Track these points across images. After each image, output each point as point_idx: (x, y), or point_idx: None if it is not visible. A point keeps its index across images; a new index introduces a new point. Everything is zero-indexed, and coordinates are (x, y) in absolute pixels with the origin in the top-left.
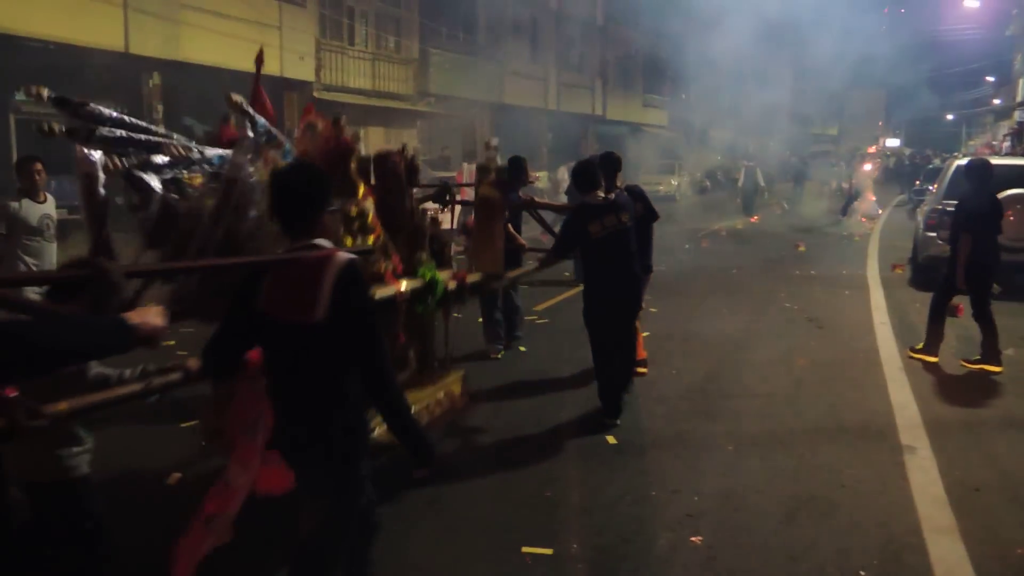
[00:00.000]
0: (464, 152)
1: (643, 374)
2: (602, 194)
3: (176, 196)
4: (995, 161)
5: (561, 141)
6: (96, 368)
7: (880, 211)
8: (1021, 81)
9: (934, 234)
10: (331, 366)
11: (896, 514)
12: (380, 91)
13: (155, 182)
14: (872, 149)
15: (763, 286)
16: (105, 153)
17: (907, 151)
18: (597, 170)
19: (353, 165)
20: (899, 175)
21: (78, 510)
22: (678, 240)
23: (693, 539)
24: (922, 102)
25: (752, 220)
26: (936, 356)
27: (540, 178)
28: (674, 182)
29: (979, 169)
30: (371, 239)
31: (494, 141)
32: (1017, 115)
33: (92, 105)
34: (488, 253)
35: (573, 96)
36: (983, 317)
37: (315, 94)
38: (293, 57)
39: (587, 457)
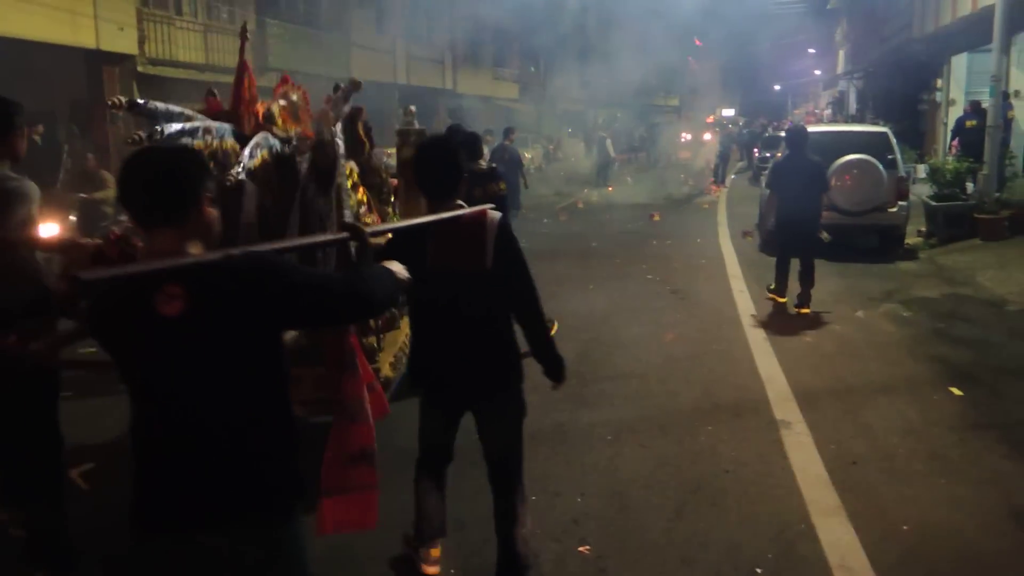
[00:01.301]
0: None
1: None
2: (484, 163)
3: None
4: (830, 128)
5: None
6: None
7: (720, 179)
8: (841, 52)
9: None
10: (499, 306)
11: (782, 498)
12: (214, 65)
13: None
14: (710, 119)
15: (624, 258)
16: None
17: (741, 120)
18: (480, 141)
19: (360, 125)
20: (738, 143)
21: None
22: (536, 213)
23: (581, 549)
24: (754, 74)
25: (608, 190)
26: (784, 297)
27: (391, 154)
28: (527, 155)
29: (795, 135)
30: (360, 195)
31: (412, 107)
32: (840, 85)
33: (149, 103)
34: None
35: (423, 69)
36: (804, 262)
37: (139, 68)
38: (111, 28)
39: (455, 459)
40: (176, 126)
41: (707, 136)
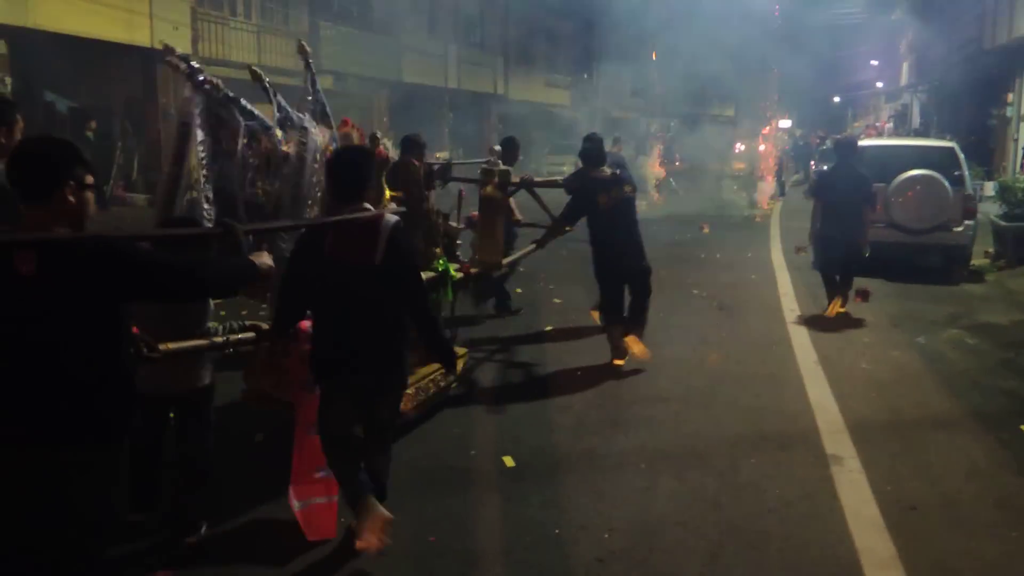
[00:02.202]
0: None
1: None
2: (607, 170)
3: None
4: (893, 142)
5: (462, 120)
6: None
7: (782, 191)
8: (905, 64)
9: None
10: (386, 298)
11: (831, 545)
12: (267, 66)
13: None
14: (766, 130)
15: (671, 271)
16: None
17: (798, 131)
18: (603, 150)
19: (384, 173)
20: (794, 155)
21: (207, 417)
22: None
23: None
24: (812, 84)
25: (655, 199)
26: (838, 303)
27: (441, 157)
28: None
29: (845, 146)
30: None
31: (496, 147)
32: (904, 98)
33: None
34: (490, 245)
35: (474, 74)
36: (844, 267)
37: None
38: (166, 27)
39: (480, 486)
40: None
41: (762, 147)
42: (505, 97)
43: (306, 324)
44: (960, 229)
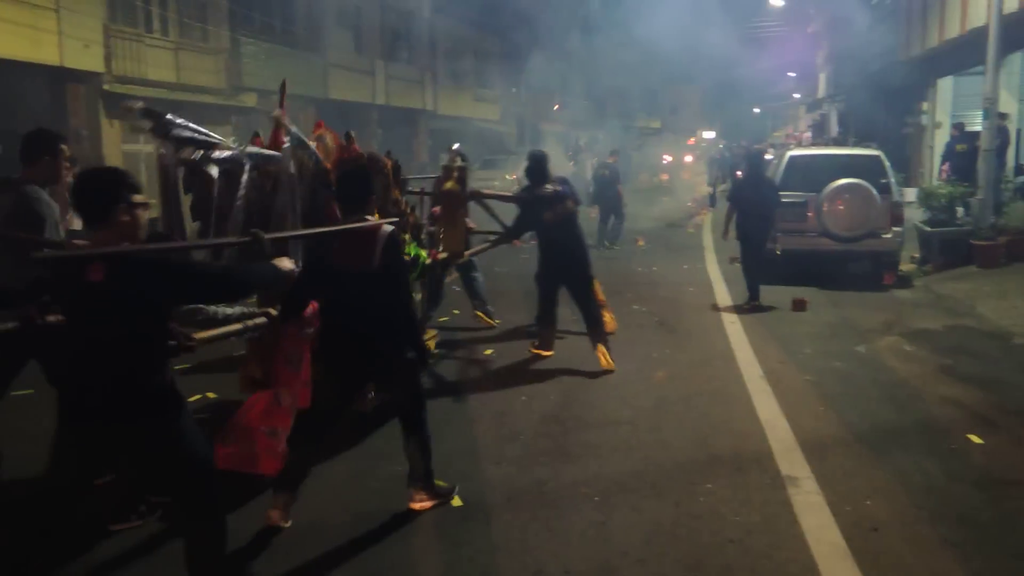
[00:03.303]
0: None
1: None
2: (550, 187)
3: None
4: (821, 151)
5: (392, 136)
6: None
7: (712, 203)
8: (822, 76)
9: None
10: (382, 298)
11: (797, 575)
12: (186, 84)
13: (213, 171)
14: (691, 141)
15: (609, 287)
16: (177, 149)
17: (722, 143)
18: (547, 165)
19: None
20: (720, 165)
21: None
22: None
23: None
24: (734, 96)
25: (591, 215)
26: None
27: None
28: (508, 177)
29: (752, 157)
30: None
31: (455, 146)
32: (823, 108)
33: (169, 115)
34: (453, 236)
35: (403, 90)
36: (747, 268)
37: (105, 86)
38: (76, 44)
39: (427, 530)
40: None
41: (688, 158)
42: (435, 112)
43: (308, 310)
44: (889, 236)
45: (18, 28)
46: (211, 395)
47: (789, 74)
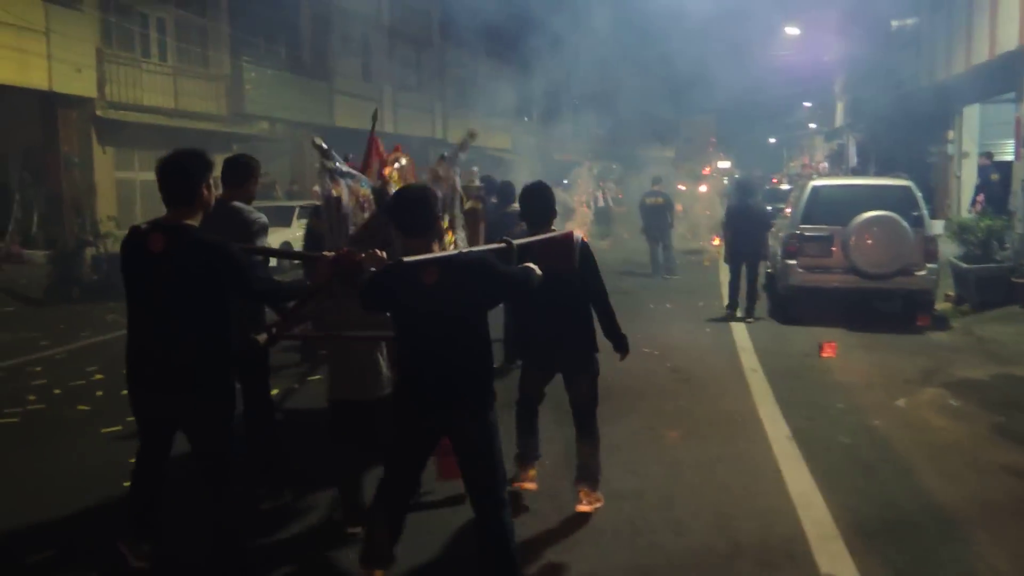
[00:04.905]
0: (292, 179)
1: None
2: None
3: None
4: (847, 182)
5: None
6: None
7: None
8: (839, 105)
9: (794, 262)
10: (581, 294)
11: None
12: (184, 111)
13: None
14: (707, 171)
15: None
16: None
17: (737, 173)
18: (513, 189)
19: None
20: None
21: (371, 428)
22: None
23: None
24: (749, 125)
25: (604, 246)
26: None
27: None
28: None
29: (742, 184)
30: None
31: (475, 168)
32: (841, 137)
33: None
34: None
35: (412, 118)
36: (749, 281)
37: (98, 112)
38: (67, 69)
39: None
40: (346, 169)
41: (703, 188)
42: (445, 141)
43: None
44: (923, 273)
45: (4, 52)
46: None
47: (805, 104)
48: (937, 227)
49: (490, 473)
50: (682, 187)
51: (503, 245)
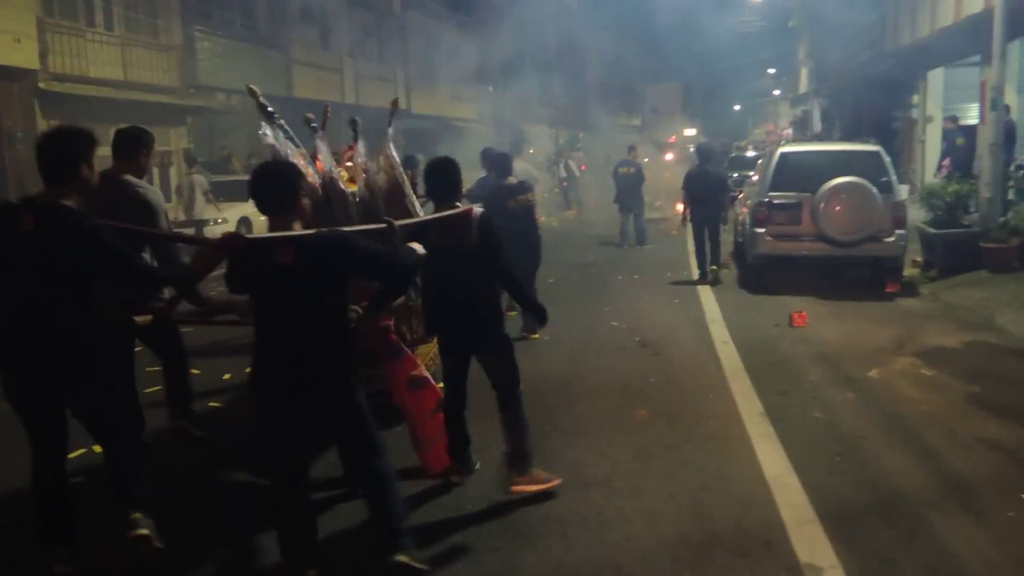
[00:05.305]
0: (251, 152)
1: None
2: (513, 179)
3: None
4: (816, 148)
5: (365, 136)
6: None
7: None
8: (803, 71)
9: (763, 230)
10: (480, 271)
11: None
12: (134, 82)
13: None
14: (672, 139)
15: (584, 298)
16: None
17: (702, 139)
18: (509, 161)
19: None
20: None
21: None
22: None
23: None
24: (715, 93)
25: (569, 215)
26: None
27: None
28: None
29: (703, 150)
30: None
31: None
32: (806, 104)
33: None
34: None
35: (374, 89)
36: (711, 241)
37: (41, 84)
38: (6, 39)
39: None
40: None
41: (669, 156)
42: (409, 112)
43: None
44: (892, 239)
45: None
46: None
47: (769, 71)
48: (903, 192)
49: (367, 453)
50: (646, 158)
51: (384, 226)
